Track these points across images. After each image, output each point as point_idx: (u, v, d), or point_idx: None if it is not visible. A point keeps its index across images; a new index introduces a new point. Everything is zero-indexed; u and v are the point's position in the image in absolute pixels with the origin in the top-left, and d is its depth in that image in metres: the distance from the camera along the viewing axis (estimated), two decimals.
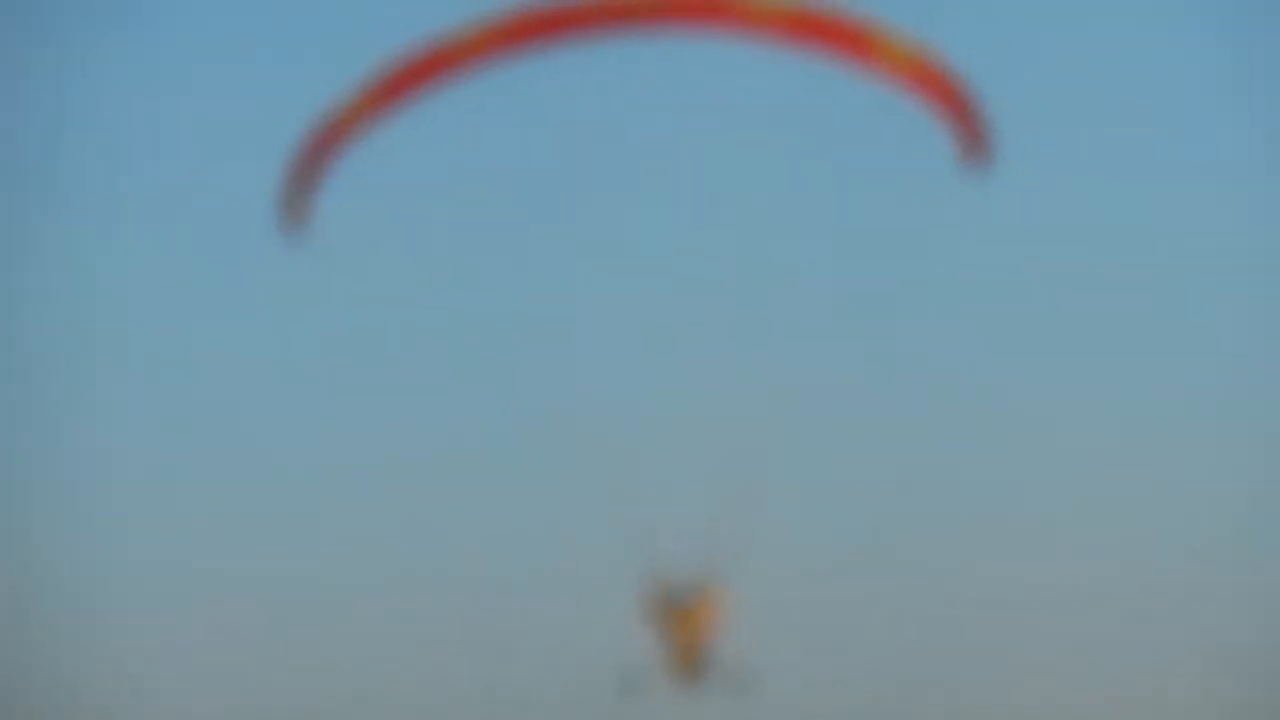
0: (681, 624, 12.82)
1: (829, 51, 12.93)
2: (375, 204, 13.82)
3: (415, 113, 12.88)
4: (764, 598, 12.99)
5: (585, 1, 13.04)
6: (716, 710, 12.78)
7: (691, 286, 15.31)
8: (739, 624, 12.66)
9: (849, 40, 12.89)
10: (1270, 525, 21.07)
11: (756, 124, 13.49)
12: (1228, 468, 21.58)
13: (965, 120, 13.01)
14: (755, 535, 12.34)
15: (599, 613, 15.41)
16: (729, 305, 14.01)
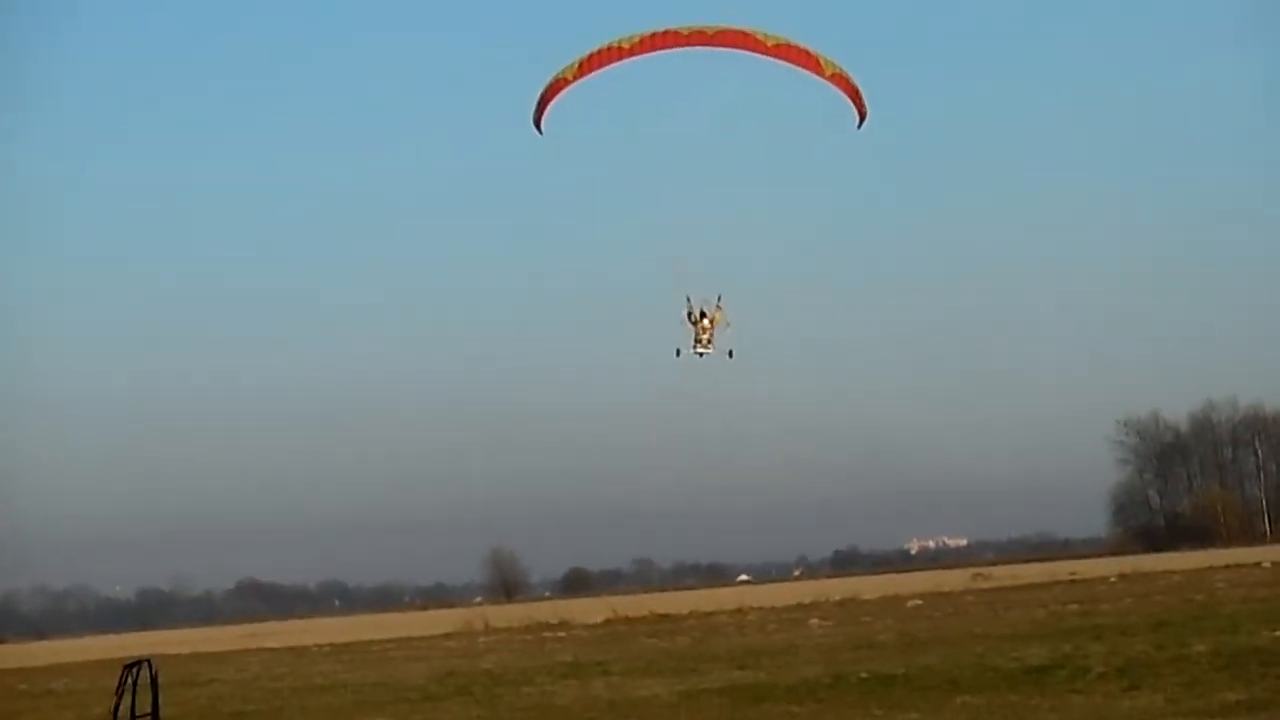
0: (702, 322, 40.65)
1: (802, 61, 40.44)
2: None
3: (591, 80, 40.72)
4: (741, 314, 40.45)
5: (679, 28, 40.79)
6: (717, 362, 39.96)
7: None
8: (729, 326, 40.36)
9: (807, 56, 40.29)
10: None
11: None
12: None
13: (859, 101, 40.39)
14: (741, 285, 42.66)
15: (671, 323, 39.93)
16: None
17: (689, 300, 44.76)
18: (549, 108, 44.60)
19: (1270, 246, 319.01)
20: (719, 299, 45.02)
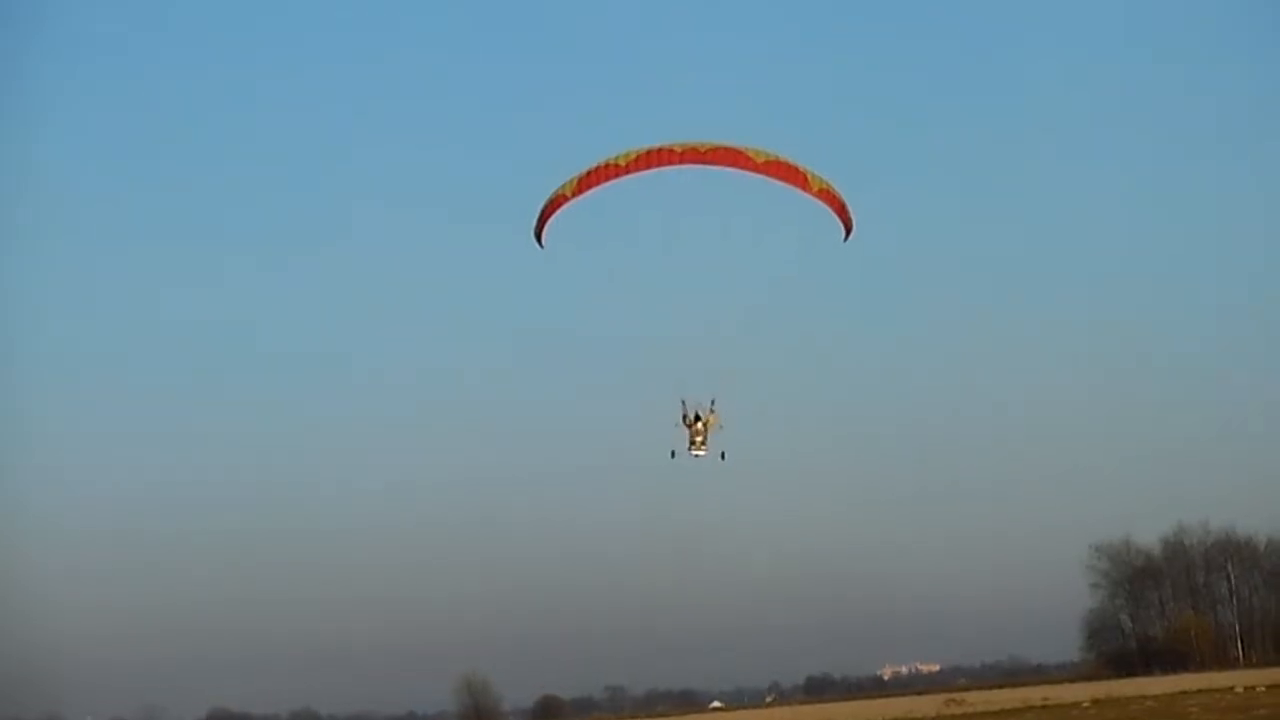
0: (696, 426, 47.36)
1: (789, 177, 47.35)
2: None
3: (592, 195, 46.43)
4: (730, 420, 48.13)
5: (674, 145, 46.33)
6: (710, 464, 46.86)
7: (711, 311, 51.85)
8: (722, 429, 47.81)
9: (794, 173, 47.57)
10: None
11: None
12: None
13: (845, 215, 48.62)
14: (731, 392, 47.85)
15: (665, 423, 47.88)
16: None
17: (684, 404, 46.68)
18: (549, 222, 46.68)
19: (1240, 370, 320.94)
20: (713, 403, 46.93)
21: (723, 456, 49.83)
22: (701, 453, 48.79)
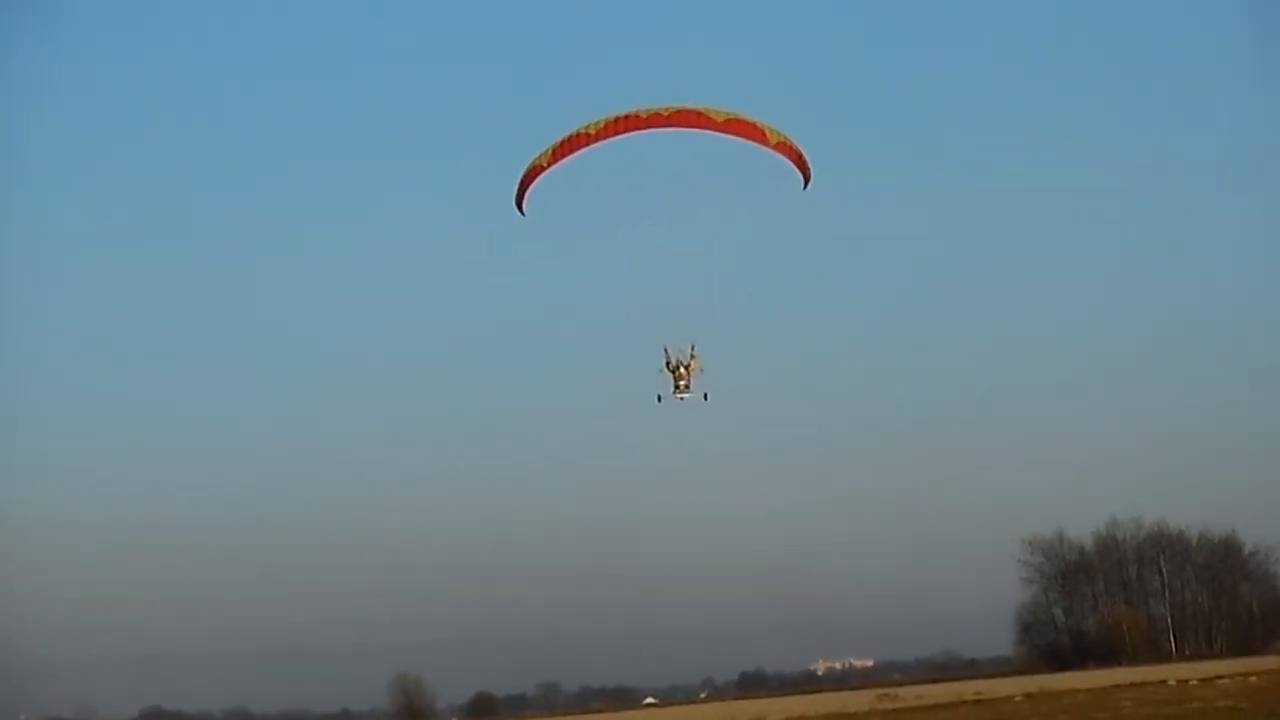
0: (679, 370, 51.14)
1: (749, 133, 49.47)
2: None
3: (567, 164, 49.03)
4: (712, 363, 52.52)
5: (639, 111, 49.39)
6: (695, 405, 51.05)
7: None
8: (704, 373, 52.15)
9: (753, 129, 49.88)
10: None
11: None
12: None
13: (804, 166, 51.12)
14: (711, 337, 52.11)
15: (651, 370, 52.34)
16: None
17: (666, 351, 48.34)
18: (529, 191, 48.21)
19: (1172, 366, 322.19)
20: (693, 348, 48.52)
21: (705, 397, 51.82)
22: (686, 395, 50.87)
